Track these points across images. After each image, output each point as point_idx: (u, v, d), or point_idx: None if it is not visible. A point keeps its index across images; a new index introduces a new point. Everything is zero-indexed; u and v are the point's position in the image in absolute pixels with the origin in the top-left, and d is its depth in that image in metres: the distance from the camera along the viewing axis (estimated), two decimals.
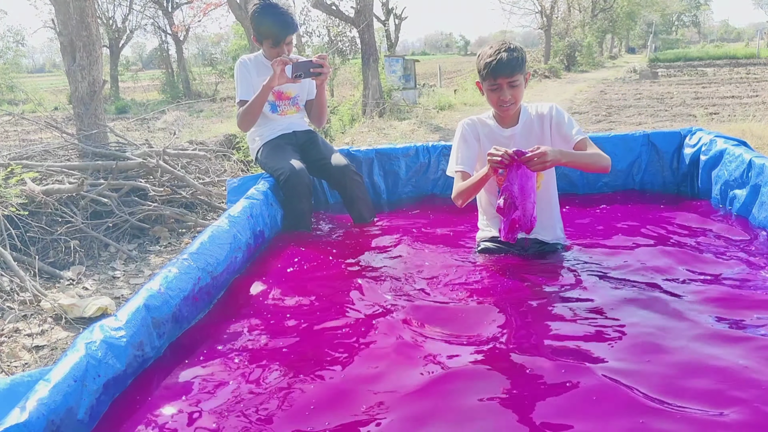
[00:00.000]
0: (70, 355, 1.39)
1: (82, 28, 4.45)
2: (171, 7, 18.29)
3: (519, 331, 1.72)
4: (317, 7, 10.29)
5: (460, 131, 2.28)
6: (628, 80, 16.09)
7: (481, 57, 2.15)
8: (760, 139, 5.51)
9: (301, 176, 2.72)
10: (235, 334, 1.82)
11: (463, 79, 16.80)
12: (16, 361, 2.44)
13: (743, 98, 10.38)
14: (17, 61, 19.65)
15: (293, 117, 3.02)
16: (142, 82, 21.96)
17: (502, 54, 2.07)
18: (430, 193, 3.35)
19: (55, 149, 4.60)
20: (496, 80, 2.10)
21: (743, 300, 1.79)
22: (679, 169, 3.16)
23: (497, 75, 2.09)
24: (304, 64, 2.66)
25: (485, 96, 2.22)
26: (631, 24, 34.79)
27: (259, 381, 1.54)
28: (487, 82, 2.14)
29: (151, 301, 1.69)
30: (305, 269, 2.32)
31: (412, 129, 8.52)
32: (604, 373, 1.44)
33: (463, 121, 2.30)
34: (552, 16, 23.73)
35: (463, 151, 2.23)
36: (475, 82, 2.27)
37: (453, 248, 2.42)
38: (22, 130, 9.09)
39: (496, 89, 2.13)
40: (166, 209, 3.96)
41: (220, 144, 5.84)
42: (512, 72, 2.08)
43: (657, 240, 2.38)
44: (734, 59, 23.86)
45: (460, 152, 2.24)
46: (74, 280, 3.23)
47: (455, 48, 62.72)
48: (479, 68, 2.15)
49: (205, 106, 13.34)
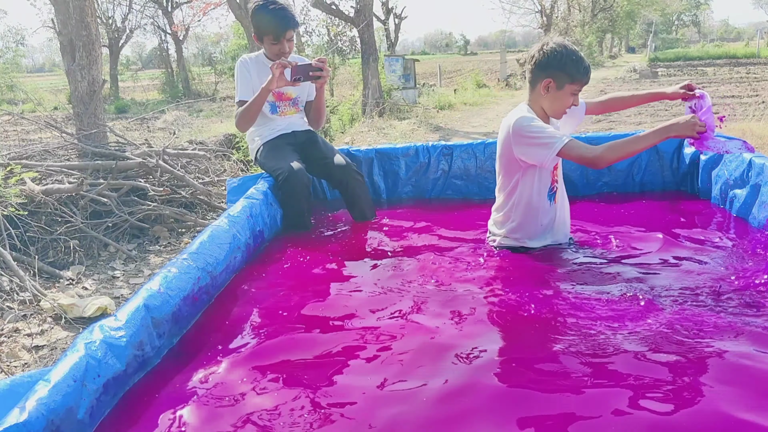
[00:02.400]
0: (69, 355, 1.39)
1: (82, 28, 4.44)
2: (170, 7, 18.28)
3: (522, 328, 1.72)
4: (317, 6, 10.29)
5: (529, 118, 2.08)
6: (628, 80, 16.08)
7: (575, 57, 2.04)
8: (760, 138, 5.51)
9: (300, 176, 2.72)
10: (235, 333, 1.82)
11: (463, 79, 16.80)
12: (16, 360, 2.44)
13: (743, 98, 10.38)
14: (17, 61, 19.63)
15: (293, 117, 3.02)
16: (141, 81, 21.94)
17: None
18: (429, 192, 3.35)
19: (55, 149, 4.60)
20: (582, 86, 2.08)
21: (743, 299, 1.79)
22: (679, 169, 3.16)
23: (586, 81, 2.08)
24: (303, 67, 2.64)
25: (557, 98, 2.09)
26: (631, 23, 34.81)
27: (259, 381, 1.54)
28: (577, 86, 2.07)
29: (151, 301, 1.68)
30: (305, 269, 2.32)
31: (411, 129, 8.52)
32: (609, 370, 1.44)
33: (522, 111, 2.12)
34: (552, 16, 23.73)
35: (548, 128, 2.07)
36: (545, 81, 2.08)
37: (453, 247, 2.42)
38: (21, 129, 9.08)
39: (576, 94, 2.09)
40: (165, 209, 3.96)
41: (219, 144, 5.84)
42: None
43: (657, 240, 2.38)
44: (734, 59, 23.84)
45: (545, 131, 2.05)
46: (74, 280, 3.23)
47: (455, 48, 62.65)
48: (574, 69, 2.04)
49: (204, 106, 13.34)
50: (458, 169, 3.31)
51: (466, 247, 2.41)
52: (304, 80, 2.67)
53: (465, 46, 57.51)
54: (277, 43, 2.78)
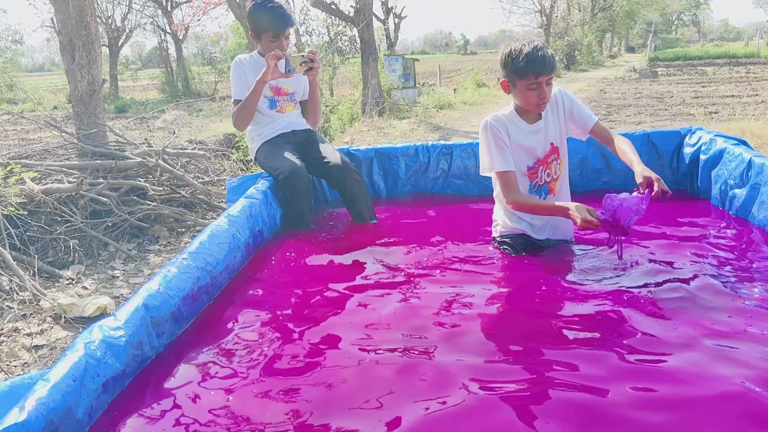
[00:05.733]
0: (69, 355, 1.39)
1: (81, 27, 4.44)
2: (170, 6, 18.29)
3: (525, 326, 1.72)
4: (317, 6, 10.28)
5: (488, 129, 2.13)
6: (627, 79, 16.09)
7: (514, 54, 2.03)
8: (759, 138, 5.52)
9: (300, 175, 2.73)
10: (235, 333, 1.82)
11: (463, 79, 16.80)
12: (16, 360, 2.44)
13: (743, 97, 10.39)
14: (15, 60, 19.62)
15: (292, 115, 3.03)
16: (141, 81, 21.94)
17: (540, 52, 2.00)
18: (429, 192, 3.35)
19: (55, 148, 4.60)
20: (537, 78, 2.01)
21: (742, 299, 1.79)
22: (678, 169, 3.16)
23: (540, 73, 2.00)
24: (295, 59, 2.72)
25: (517, 96, 2.11)
26: (630, 23, 34.83)
27: (259, 380, 1.54)
28: (526, 80, 2.04)
29: (151, 301, 1.68)
30: (304, 268, 2.32)
31: (411, 128, 8.52)
32: (613, 367, 1.44)
33: (489, 121, 2.15)
34: (551, 15, 23.71)
35: (501, 151, 2.12)
36: (501, 82, 2.13)
37: (453, 247, 2.42)
38: (21, 129, 9.09)
39: (535, 88, 2.04)
40: (165, 208, 3.96)
41: (219, 143, 5.84)
42: (552, 69, 2.03)
43: (657, 239, 2.38)
44: (734, 58, 23.86)
45: (495, 152, 2.12)
46: (73, 280, 3.23)
47: (455, 47, 62.67)
48: (515, 66, 2.03)
49: (204, 105, 13.34)
50: (458, 168, 3.31)
51: (466, 247, 2.41)
52: (297, 72, 2.75)
53: (465, 46, 57.54)
54: (276, 41, 2.80)
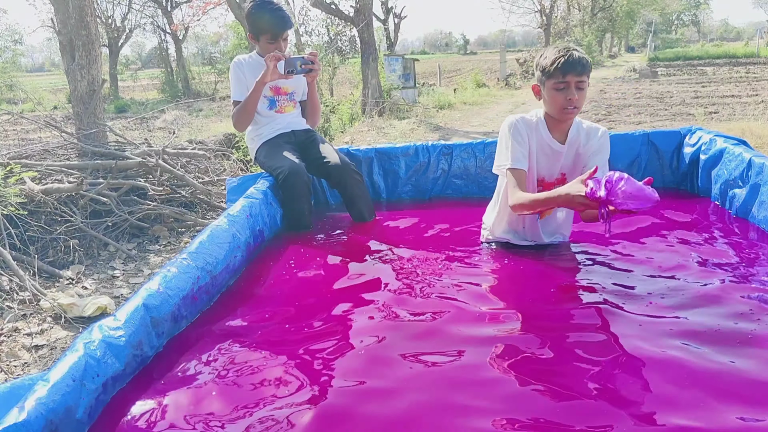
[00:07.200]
0: (69, 355, 1.39)
1: (81, 27, 4.44)
2: (170, 6, 18.30)
3: (527, 326, 1.72)
4: (317, 6, 10.29)
5: (512, 127, 2.09)
6: (627, 79, 16.09)
7: (545, 56, 2.02)
8: (759, 138, 5.52)
9: (300, 175, 2.73)
10: (235, 333, 1.81)
11: (463, 79, 16.80)
12: (16, 360, 2.44)
13: (743, 97, 10.39)
14: (15, 60, 19.63)
15: (292, 115, 3.03)
16: (141, 81, 21.95)
17: (573, 52, 1.96)
18: (429, 192, 3.35)
19: (55, 148, 4.60)
20: (564, 77, 1.95)
21: (742, 299, 1.79)
22: (678, 169, 3.16)
23: (567, 72, 1.94)
24: (295, 60, 2.73)
25: (545, 99, 2.06)
26: (630, 23, 34.79)
27: (258, 380, 1.54)
28: (553, 80, 1.98)
29: (150, 301, 1.68)
30: (305, 268, 2.32)
31: (411, 128, 8.52)
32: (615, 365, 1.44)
33: (516, 120, 2.10)
34: (551, 15, 23.73)
35: (518, 149, 2.07)
36: (532, 86, 2.11)
37: (453, 247, 2.42)
38: (21, 129, 9.09)
39: (563, 89, 1.97)
40: (165, 208, 3.96)
41: (219, 143, 5.84)
42: (582, 70, 1.96)
43: (657, 239, 2.38)
44: (734, 58, 23.86)
45: (513, 149, 2.06)
46: (73, 280, 3.23)
47: (455, 47, 62.69)
48: (544, 64, 2.00)
49: (204, 105, 13.34)
50: (458, 168, 3.31)
51: (466, 247, 2.41)
52: (297, 72, 2.76)
53: (465, 46, 57.55)
54: (274, 43, 2.80)
